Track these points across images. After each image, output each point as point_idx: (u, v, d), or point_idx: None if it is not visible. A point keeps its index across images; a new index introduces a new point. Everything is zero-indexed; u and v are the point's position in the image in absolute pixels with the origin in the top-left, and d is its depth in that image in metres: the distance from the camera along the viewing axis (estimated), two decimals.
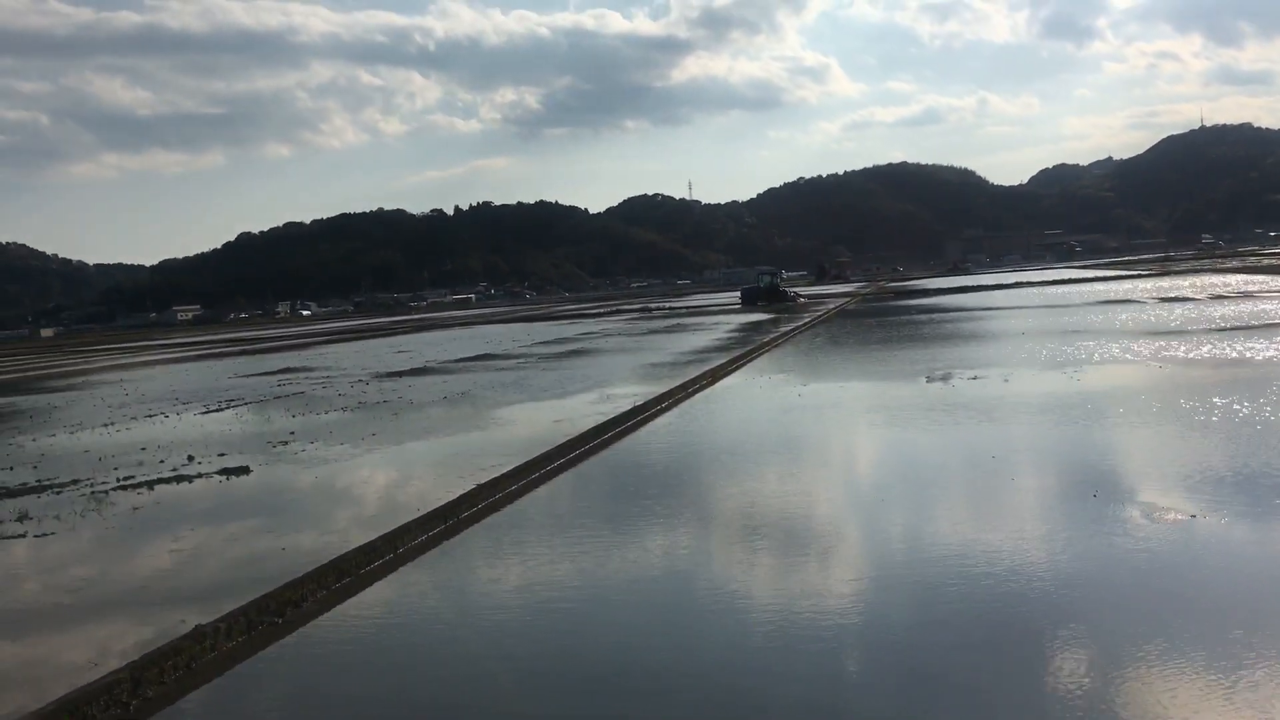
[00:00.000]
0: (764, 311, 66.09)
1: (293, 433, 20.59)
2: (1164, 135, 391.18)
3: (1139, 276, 78.08)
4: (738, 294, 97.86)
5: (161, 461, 17.92)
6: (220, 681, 7.72)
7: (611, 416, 19.01)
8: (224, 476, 16.00)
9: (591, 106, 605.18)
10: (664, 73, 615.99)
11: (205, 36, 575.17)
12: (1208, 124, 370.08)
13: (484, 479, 13.74)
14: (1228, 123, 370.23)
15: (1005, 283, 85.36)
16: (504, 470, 14.12)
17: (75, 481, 16.42)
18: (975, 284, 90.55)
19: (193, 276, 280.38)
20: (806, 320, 49.44)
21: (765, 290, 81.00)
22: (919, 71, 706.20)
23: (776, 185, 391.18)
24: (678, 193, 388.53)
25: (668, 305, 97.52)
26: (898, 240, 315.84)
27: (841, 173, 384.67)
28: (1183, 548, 9.24)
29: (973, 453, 14.32)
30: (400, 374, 34.69)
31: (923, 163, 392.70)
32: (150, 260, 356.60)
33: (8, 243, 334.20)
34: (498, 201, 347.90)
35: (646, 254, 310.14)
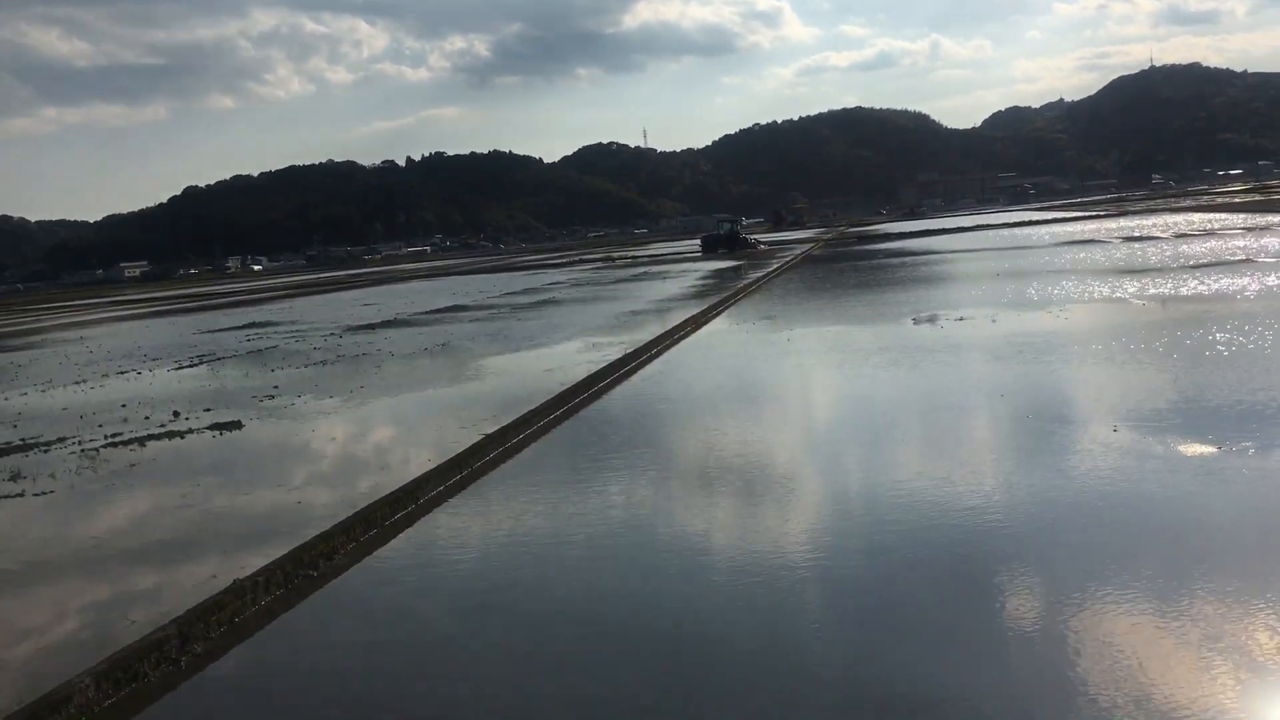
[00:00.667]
0: (726, 259, 65.97)
1: (276, 386, 20.23)
2: (1114, 76, 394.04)
3: (1098, 217, 78.70)
4: (698, 242, 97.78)
5: (146, 418, 17.53)
6: (261, 636, 7.55)
7: (603, 365, 18.82)
8: (216, 431, 15.67)
9: (543, 54, 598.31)
10: (616, 18, 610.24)
11: None
12: (1157, 64, 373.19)
13: (489, 429, 13.55)
14: (1176, 63, 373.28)
15: (965, 225, 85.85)
16: (509, 420, 13.91)
17: (61, 440, 16.02)
18: (936, 228, 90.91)
19: (139, 232, 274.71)
20: (775, 267, 49.36)
21: (725, 237, 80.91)
22: (872, 15, 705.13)
23: (732, 132, 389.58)
24: (633, 141, 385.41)
25: (630, 254, 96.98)
26: (853, 185, 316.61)
27: (796, 118, 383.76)
28: (1216, 478, 9.29)
29: (980, 392, 14.33)
30: (372, 326, 34.24)
31: (877, 107, 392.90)
32: (94, 216, 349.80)
33: None
34: (450, 152, 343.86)
35: (603, 203, 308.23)
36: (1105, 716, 5.34)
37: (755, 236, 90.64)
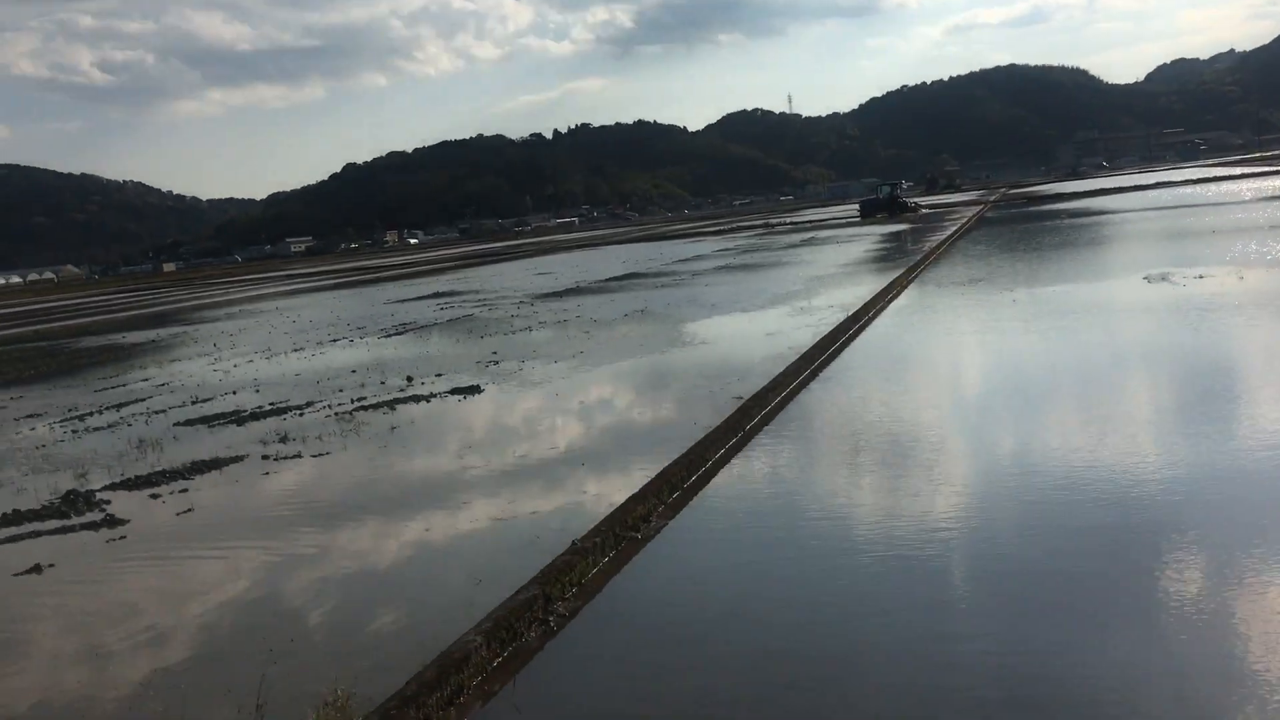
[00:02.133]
0: (888, 223, 64.41)
1: (495, 353, 20.43)
2: None
3: None
4: (852, 207, 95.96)
5: (381, 383, 17.90)
6: (606, 594, 7.43)
7: (830, 327, 18.35)
8: (459, 395, 15.86)
9: (684, 21, 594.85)
10: None
11: None
12: None
13: (739, 393, 13.31)
14: None
15: (1144, 184, 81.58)
16: (760, 385, 13.60)
17: (310, 404, 16.45)
18: (1110, 186, 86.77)
19: (302, 208, 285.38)
20: (952, 230, 47.76)
21: (885, 201, 79.10)
22: None
23: (878, 95, 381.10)
24: (777, 107, 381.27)
25: (786, 220, 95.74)
26: (1006, 147, 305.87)
27: (946, 79, 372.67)
28: None
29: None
30: (558, 294, 34.48)
31: (1031, 64, 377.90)
32: (260, 193, 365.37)
33: (125, 181, 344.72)
34: (595, 123, 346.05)
35: (747, 170, 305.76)
36: None
37: (915, 200, 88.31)
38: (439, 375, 18.08)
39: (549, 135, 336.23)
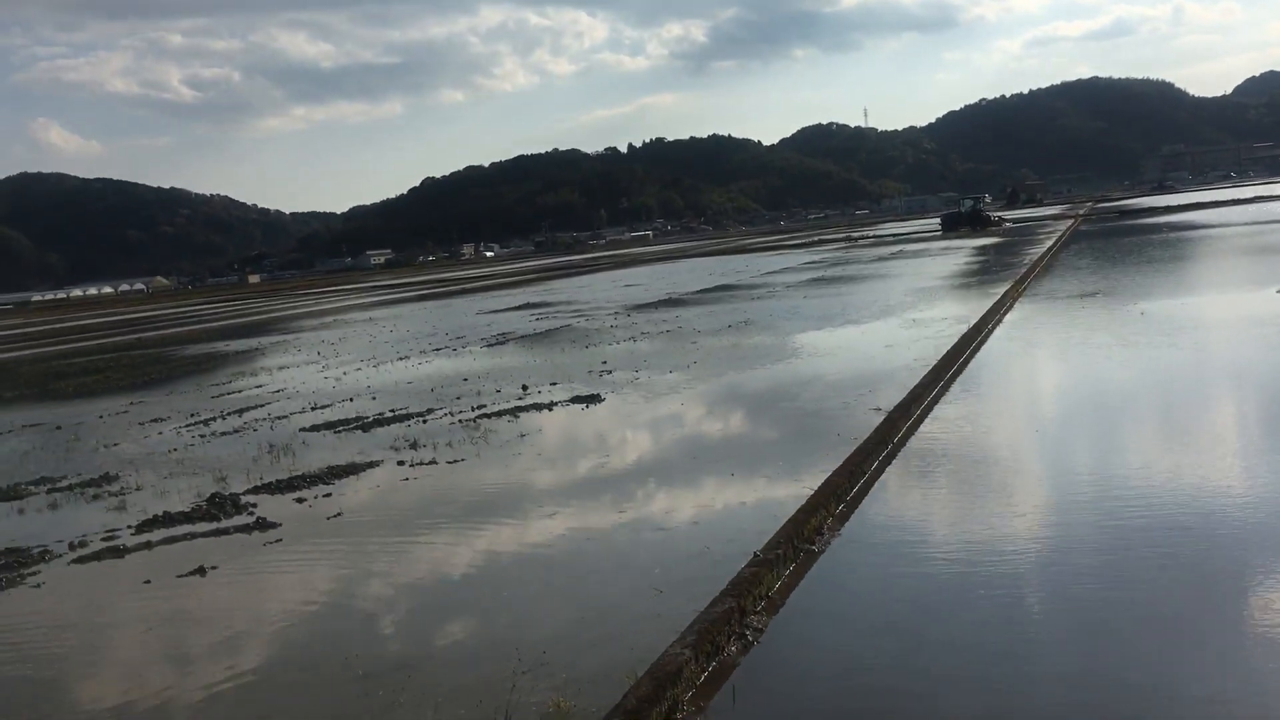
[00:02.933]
0: (972, 237, 63.52)
1: (604, 363, 20.31)
2: None
3: None
4: (933, 221, 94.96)
5: (498, 391, 17.85)
6: (791, 606, 7.17)
7: (953, 338, 17.92)
8: (581, 404, 15.73)
9: (759, 37, 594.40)
10: None
11: None
12: None
13: (876, 404, 12.99)
14: None
15: (1242, 198, 79.19)
16: (899, 397, 13.24)
17: (430, 410, 16.45)
18: (1205, 200, 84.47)
19: (381, 221, 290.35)
20: (1050, 244, 46.71)
21: (968, 215, 78.39)
22: None
23: (956, 109, 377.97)
24: (852, 121, 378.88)
25: (870, 234, 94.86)
26: (1087, 160, 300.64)
27: (1026, 91, 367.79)
28: None
29: None
30: (653, 305, 34.37)
31: (1114, 76, 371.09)
32: (340, 207, 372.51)
33: (212, 195, 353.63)
34: (670, 138, 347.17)
35: (822, 184, 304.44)
36: None
37: (998, 214, 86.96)
38: (553, 384, 17.98)
39: (624, 149, 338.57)
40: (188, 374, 27.34)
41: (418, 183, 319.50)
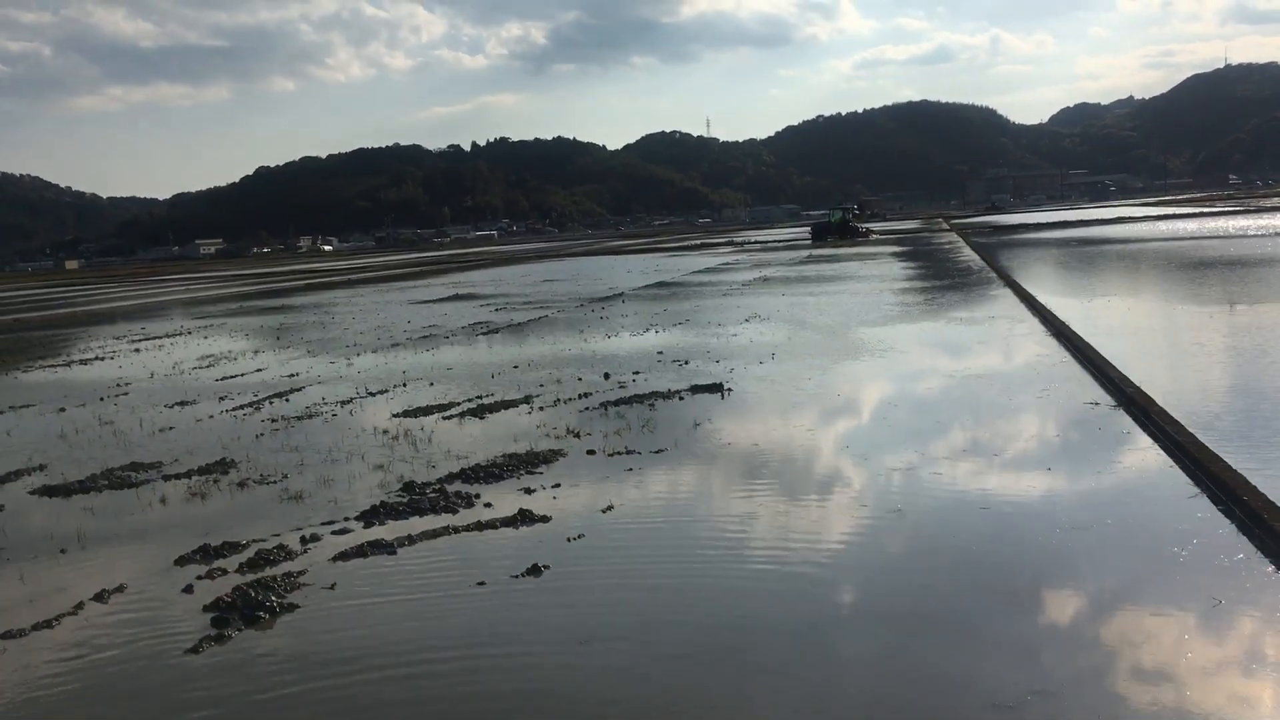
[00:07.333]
0: (855, 245, 65.96)
1: (660, 352, 19.16)
2: (1181, 75, 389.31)
3: (1225, 213, 74.24)
4: (788, 231, 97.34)
5: (579, 379, 16.50)
6: None
7: (1056, 333, 17.57)
8: (709, 393, 14.57)
9: (598, 41, 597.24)
10: (672, 7, 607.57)
11: None
12: (1232, 63, 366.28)
13: (1091, 398, 12.38)
14: (1254, 61, 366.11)
15: (1106, 217, 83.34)
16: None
17: (528, 398, 15.00)
18: (1055, 220, 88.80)
19: (209, 210, 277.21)
20: (969, 255, 47.68)
21: (837, 225, 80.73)
22: (931, 8, 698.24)
23: (794, 124, 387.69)
24: (695, 130, 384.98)
25: (753, 239, 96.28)
26: (917, 180, 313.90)
27: (860, 111, 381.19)
28: None
29: None
30: (608, 299, 33.17)
31: (941, 100, 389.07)
32: (163, 193, 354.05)
33: (21, 175, 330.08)
34: (513, 138, 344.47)
35: (665, 191, 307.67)
36: None
37: (866, 226, 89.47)
38: (637, 373, 16.72)
39: (467, 147, 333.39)
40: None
41: (250, 171, 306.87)
